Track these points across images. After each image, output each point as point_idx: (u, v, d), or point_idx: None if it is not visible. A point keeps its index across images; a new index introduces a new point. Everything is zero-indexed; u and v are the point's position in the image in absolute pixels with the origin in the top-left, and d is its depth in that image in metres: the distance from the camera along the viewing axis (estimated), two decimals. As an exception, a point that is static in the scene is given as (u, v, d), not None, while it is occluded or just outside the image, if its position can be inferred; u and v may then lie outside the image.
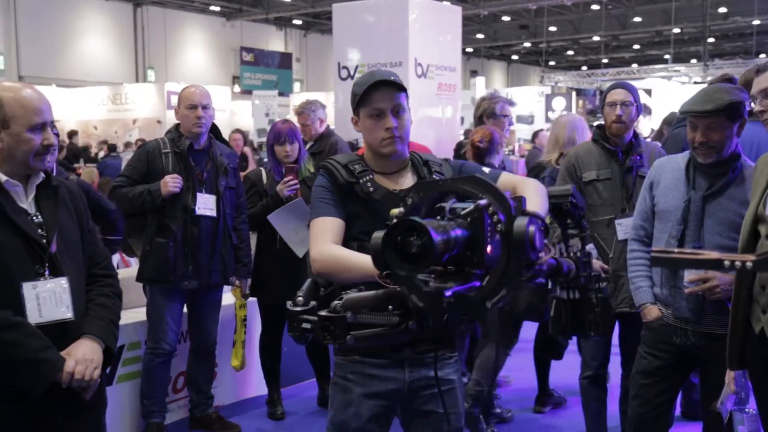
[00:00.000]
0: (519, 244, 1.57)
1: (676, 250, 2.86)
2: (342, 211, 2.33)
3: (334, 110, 7.74)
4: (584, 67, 40.97)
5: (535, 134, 11.41)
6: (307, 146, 5.37)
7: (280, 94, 23.08)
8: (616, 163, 3.81)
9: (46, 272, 2.36)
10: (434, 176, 2.38)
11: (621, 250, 3.67)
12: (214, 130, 4.41)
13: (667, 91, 25.70)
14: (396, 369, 2.37)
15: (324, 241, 2.26)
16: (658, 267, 3.14)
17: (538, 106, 26.59)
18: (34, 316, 2.33)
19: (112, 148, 16.58)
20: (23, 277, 2.32)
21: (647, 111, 6.48)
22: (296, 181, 4.49)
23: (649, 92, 24.05)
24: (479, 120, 5.28)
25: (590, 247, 3.77)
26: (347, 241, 2.31)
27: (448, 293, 1.57)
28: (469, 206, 1.60)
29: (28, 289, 2.32)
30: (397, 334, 1.88)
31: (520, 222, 1.58)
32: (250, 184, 4.68)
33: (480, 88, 22.25)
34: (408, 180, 2.40)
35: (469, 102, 19.02)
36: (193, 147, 4.26)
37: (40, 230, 2.38)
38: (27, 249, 2.34)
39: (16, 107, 2.34)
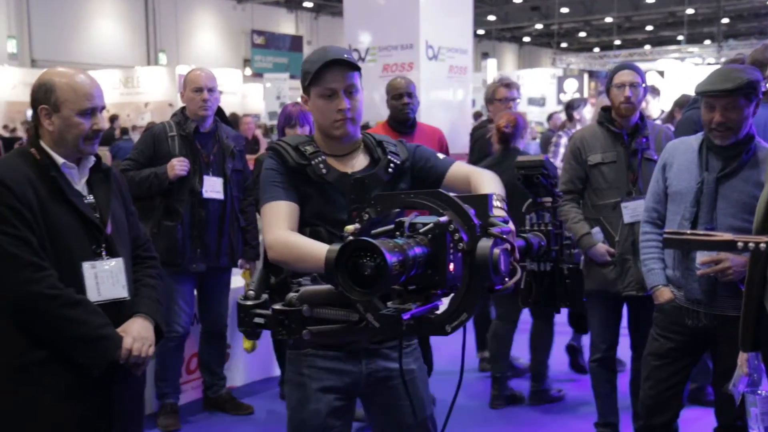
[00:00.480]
0: (482, 268, 1.49)
1: (688, 231, 2.85)
2: (294, 194, 2.24)
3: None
4: (596, 49, 40.70)
5: (550, 116, 11.41)
6: None
7: (291, 77, 23.04)
8: (621, 145, 3.78)
9: (104, 252, 2.45)
10: (389, 157, 2.30)
11: (627, 233, 3.68)
12: (220, 113, 4.41)
13: (681, 73, 25.50)
14: (352, 361, 2.30)
15: (279, 228, 2.17)
16: (670, 249, 3.13)
17: (549, 89, 26.48)
18: (93, 295, 2.42)
19: (124, 131, 16.62)
20: (83, 257, 2.40)
21: (656, 92, 6.41)
22: None
23: (662, 74, 23.88)
24: (488, 103, 5.40)
25: (596, 230, 3.80)
26: (299, 227, 2.24)
27: (406, 316, 1.48)
28: (430, 223, 1.52)
29: (87, 268, 2.41)
30: (355, 331, 1.78)
31: (484, 244, 1.50)
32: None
33: (491, 70, 22.19)
34: (360, 161, 2.33)
35: (480, 84, 18.95)
36: (199, 130, 4.26)
37: (95, 212, 2.46)
38: (86, 230, 2.42)
39: (68, 92, 2.40)
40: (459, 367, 1.81)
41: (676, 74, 25.45)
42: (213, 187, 4.24)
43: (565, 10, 33.81)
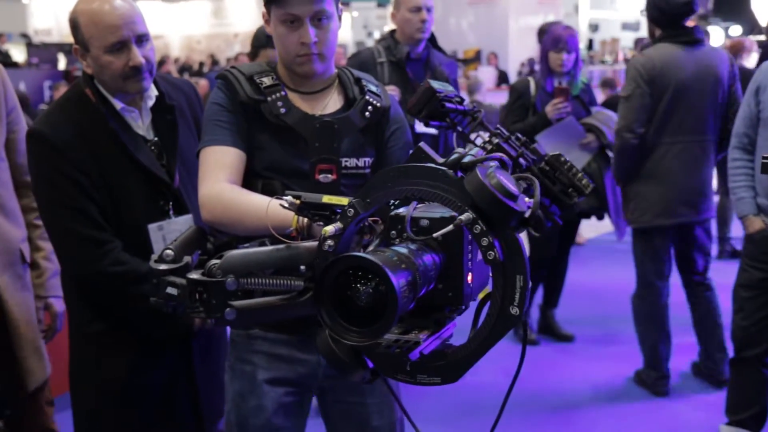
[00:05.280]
0: (490, 202, 1.04)
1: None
2: (243, 137, 1.83)
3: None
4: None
5: (636, 42, 11.08)
6: None
7: (379, 5, 22.88)
8: None
9: (171, 210, 2.21)
10: (367, 97, 1.90)
11: None
12: (431, 38, 3.94)
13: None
14: (308, 348, 1.90)
15: (215, 180, 1.76)
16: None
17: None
18: None
19: (215, 62, 17.01)
20: (149, 217, 2.16)
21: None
22: (566, 104, 4.23)
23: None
24: None
25: None
26: (249, 178, 1.83)
27: (415, 355, 1.08)
28: (439, 215, 1.12)
29: (154, 231, 2.16)
30: (300, 306, 1.24)
31: (472, 177, 1.05)
32: (517, 95, 4.45)
33: (583, -6, 21.46)
34: (334, 102, 1.91)
35: (572, 10, 18.49)
36: (411, 56, 3.83)
37: (161, 161, 2.21)
38: (151, 186, 2.17)
39: (91, 27, 2.07)
40: None
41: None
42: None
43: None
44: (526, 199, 1.12)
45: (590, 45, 18.34)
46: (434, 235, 1.09)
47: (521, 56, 14.22)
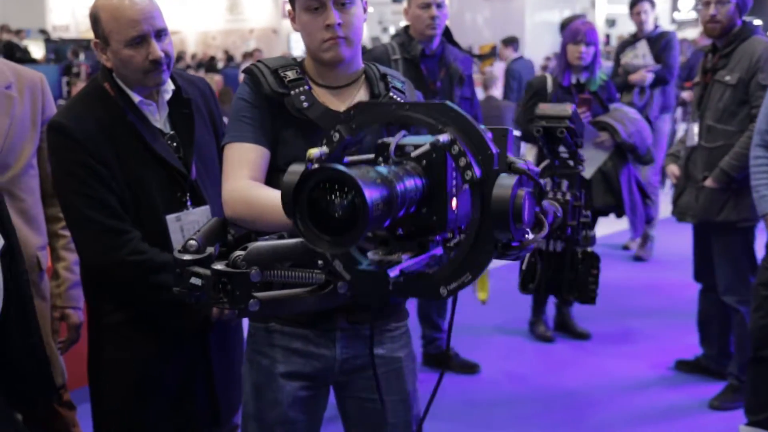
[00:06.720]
0: (499, 212, 1.07)
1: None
2: (267, 134, 1.84)
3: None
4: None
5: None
6: None
7: (394, 0, 22.86)
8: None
9: (188, 202, 2.23)
10: (391, 93, 1.89)
11: (687, 157, 3.75)
12: (446, 33, 3.92)
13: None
14: (325, 343, 1.92)
15: (238, 177, 1.79)
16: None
17: (662, 6, 25.22)
18: None
19: (230, 58, 17.05)
20: (167, 208, 2.19)
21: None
22: (588, 114, 4.20)
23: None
24: None
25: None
26: (272, 173, 1.84)
27: (394, 272, 1.10)
28: (425, 143, 1.13)
29: (172, 221, 2.19)
30: (321, 299, 1.33)
31: (505, 182, 1.08)
32: (533, 91, 4.38)
33: (600, -11, 21.32)
34: (359, 97, 1.91)
35: (588, 5, 18.41)
36: (425, 52, 3.78)
37: (177, 154, 2.24)
38: (169, 178, 2.20)
39: (111, 21, 2.11)
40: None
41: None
42: None
43: None
44: (529, 236, 1.19)
45: (608, 40, 18.25)
46: (412, 154, 1.12)
47: (537, 51, 14.16)
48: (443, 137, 1.08)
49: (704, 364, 4.06)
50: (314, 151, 1.17)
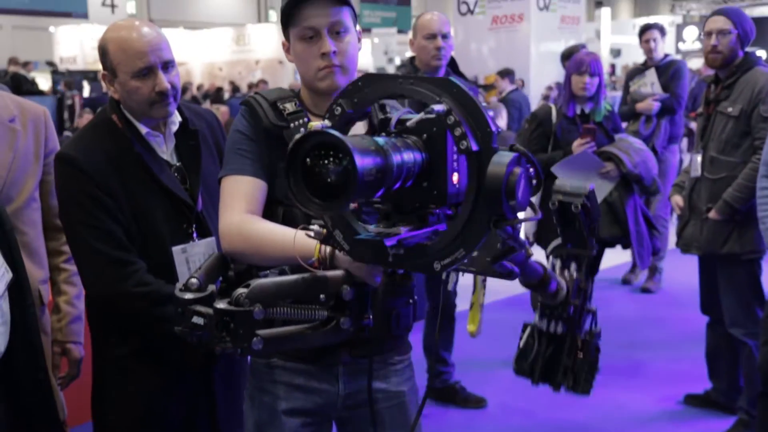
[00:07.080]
0: (492, 188, 1.08)
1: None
2: (264, 167, 1.81)
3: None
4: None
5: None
6: None
7: (399, 31, 23.03)
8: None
9: (194, 233, 2.24)
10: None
11: (691, 188, 3.72)
12: (452, 64, 3.93)
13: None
14: (327, 378, 1.89)
15: (235, 211, 1.76)
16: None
17: (667, 38, 25.36)
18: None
19: (236, 89, 17.16)
20: (173, 240, 2.19)
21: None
22: (593, 144, 4.17)
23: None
24: None
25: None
26: (270, 205, 1.82)
27: (391, 242, 1.13)
28: (420, 116, 1.16)
29: (177, 253, 2.19)
30: (324, 335, 1.34)
31: (501, 159, 1.09)
32: (537, 123, 4.35)
33: (605, 19, 21.46)
34: (357, 127, 1.71)
35: (593, 35, 18.49)
36: None
37: (184, 185, 2.24)
38: (175, 209, 2.21)
39: (119, 53, 2.14)
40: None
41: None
42: None
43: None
44: (521, 214, 1.16)
45: (612, 70, 18.31)
46: (407, 124, 1.15)
47: (542, 81, 14.20)
48: (438, 107, 1.10)
49: (714, 398, 4.00)
50: (315, 124, 1.16)
